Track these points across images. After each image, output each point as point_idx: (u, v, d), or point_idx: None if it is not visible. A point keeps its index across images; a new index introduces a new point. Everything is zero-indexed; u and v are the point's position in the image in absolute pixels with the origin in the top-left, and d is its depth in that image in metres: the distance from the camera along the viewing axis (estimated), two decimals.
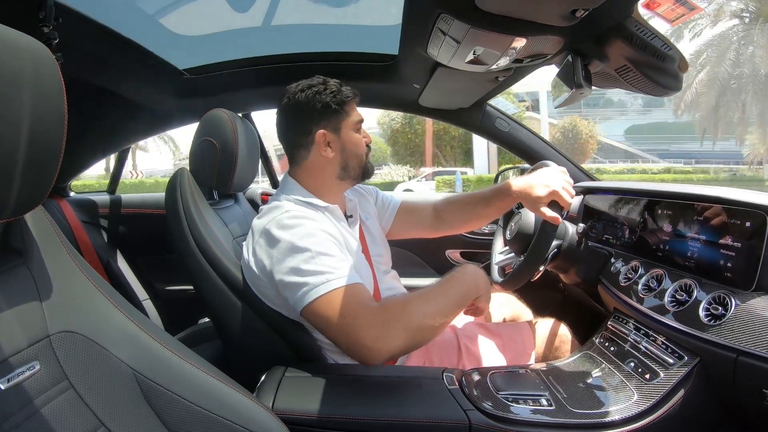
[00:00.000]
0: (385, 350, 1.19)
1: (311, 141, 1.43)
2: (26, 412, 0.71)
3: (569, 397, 1.18)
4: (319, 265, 1.22)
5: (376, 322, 1.18)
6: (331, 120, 1.42)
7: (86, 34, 1.59)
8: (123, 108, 2.33)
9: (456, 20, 1.21)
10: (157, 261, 2.83)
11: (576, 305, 2.17)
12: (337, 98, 1.42)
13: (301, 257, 1.23)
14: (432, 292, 1.29)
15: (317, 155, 1.44)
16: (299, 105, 1.43)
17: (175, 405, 0.87)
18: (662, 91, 1.38)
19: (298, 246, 1.24)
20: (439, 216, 1.80)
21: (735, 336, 1.04)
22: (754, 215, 1.12)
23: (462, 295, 1.32)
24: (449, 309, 1.29)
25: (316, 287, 1.20)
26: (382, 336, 1.18)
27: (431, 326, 1.25)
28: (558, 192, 1.40)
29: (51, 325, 0.79)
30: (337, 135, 1.43)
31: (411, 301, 1.25)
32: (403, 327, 1.19)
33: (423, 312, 1.22)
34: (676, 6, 1.09)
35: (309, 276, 1.21)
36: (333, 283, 1.20)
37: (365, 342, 1.18)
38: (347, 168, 1.46)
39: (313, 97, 1.41)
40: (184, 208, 1.43)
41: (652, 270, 1.40)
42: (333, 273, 1.21)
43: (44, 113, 0.70)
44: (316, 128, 1.42)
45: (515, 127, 2.33)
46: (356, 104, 1.49)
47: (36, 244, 0.85)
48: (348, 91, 1.45)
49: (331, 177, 1.47)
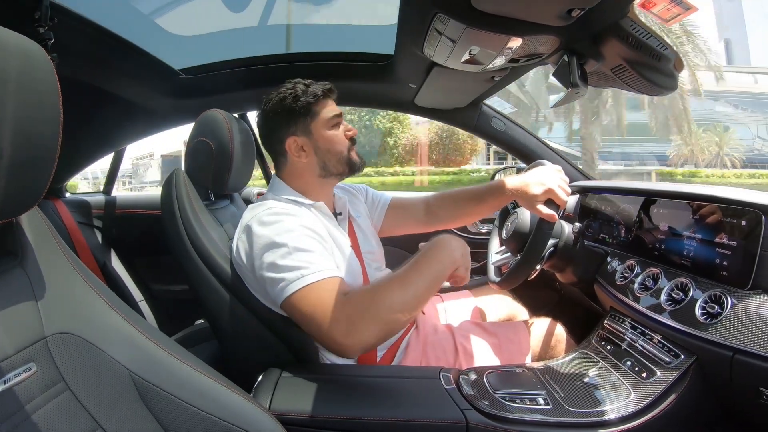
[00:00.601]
0: (357, 344, 1.17)
1: (285, 148, 1.45)
2: (23, 414, 0.71)
3: (566, 396, 1.18)
4: (295, 260, 1.22)
5: (344, 317, 1.16)
6: (299, 124, 1.43)
7: (82, 35, 1.58)
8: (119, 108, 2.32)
9: (452, 20, 1.22)
10: (153, 262, 2.82)
11: (572, 304, 2.17)
12: (302, 101, 1.41)
13: (278, 252, 1.23)
14: (403, 277, 1.23)
15: (293, 160, 1.45)
16: (268, 114, 1.46)
17: (171, 406, 0.87)
18: (658, 90, 1.38)
19: (276, 242, 1.24)
20: (431, 211, 1.80)
21: (731, 334, 1.04)
22: (749, 214, 1.12)
23: (435, 275, 1.26)
24: (422, 292, 1.23)
25: (291, 282, 1.20)
26: (352, 330, 1.16)
27: (403, 313, 1.21)
28: (554, 190, 1.40)
29: (47, 327, 0.79)
30: (309, 138, 1.44)
31: (380, 290, 1.20)
32: (372, 319, 1.16)
33: (393, 300, 1.18)
34: (672, 6, 1.09)
35: (285, 272, 1.21)
36: (307, 278, 1.19)
37: (335, 337, 1.17)
38: (326, 167, 1.47)
39: (279, 104, 1.43)
40: (179, 208, 1.42)
41: (649, 269, 1.40)
42: (308, 268, 1.21)
43: (39, 113, 0.70)
44: (285, 135, 1.43)
45: (511, 126, 2.33)
46: (332, 100, 1.49)
47: (32, 245, 0.84)
48: (317, 89, 1.44)
49: (312, 177, 1.48)
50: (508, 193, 1.52)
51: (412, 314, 1.24)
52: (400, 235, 1.87)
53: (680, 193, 1.38)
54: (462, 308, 1.84)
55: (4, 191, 0.67)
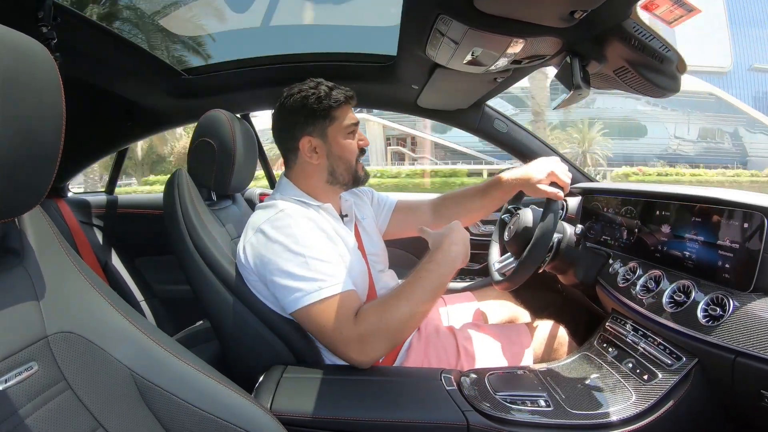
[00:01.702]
0: (370, 360, 1.24)
1: (298, 146, 1.44)
2: (24, 412, 0.71)
3: (567, 398, 1.18)
4: (312, 271, 1.23)
5: (356, 339, 1.21)
6: (316, 126, 1.43)
7: (85, 35, 1.59)
8: (121, 108, 2.33)
9: (455, 21, 1.22)
10: (155, 262, 2.83)
11: (574, 306, 2.17)
12: (324, 104, 1.41)
13: (295, 261, 1.24)
14: (409, 289, 1.27)
15: (304, 160, 1.45)
16: (287, 110, 1.44)
17: (172, 406, 0.87)
18: (660, 92, 1.38)
19: (292, 249, 1.25)
20: (437, 211, 1.82)
21: (733, 337, 1.04)
22: (752, 216, 1.12)
23: (439, 282, 1.29)
24: (428, 302, 1.28)
25: (308, 294, 1.21)
26: (366, 350, 1.21)
27: (411, 326, 1.27)
28: (555, 173, 1.48)
29: (49, 326, 0.79)
30: (324, 141, 1.44)
31: (388, 306, 1.23)
32: (384, 337, 1.22)
33: (402, 316, 1.22)
34: (675, 8, 1.09)
35: (301, 281, 1.22)
36: (324, 292, 1.21)
37: (350, 356, 1.23)
38: (335, 173, 1.47)
39: (300, 102, 1.42)
40: (181, 208, 1.42)
41: (651, 271, 1.40)
42: (326, 281, 1.22)
43: (42, 113, 0.70)
44: (300, 134, 1.43)
45: (513, 128, 2.34)
46: (351, 107, 1.49)
47: (34, 244, 0.84)
48: (339, 94, 1.43)
49: (320, 181, 1.48)
50: (512, 183, 1.59)
51: (419, 323, 1.31)
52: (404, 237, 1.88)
53: (683, 195, 1.38)
54: (464, 311, 1.84)
55: (5, 190, 0.67)
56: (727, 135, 45.89)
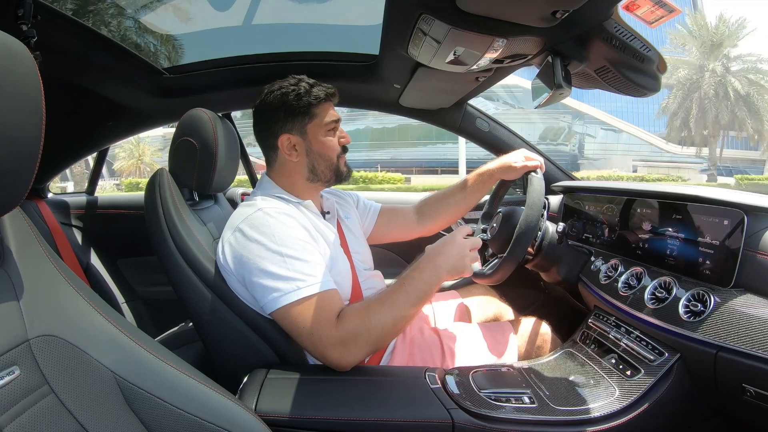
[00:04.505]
0: (350, 364, 1.23)
1: (277, 144, 1.44)
2: (6, 417, 0.69)
3: (551, 394, 1.19)
4: (291, 270, 1.22)
5: (337, 343, 1.20)
6: (295, 123, 1.42)
7: (66, 33, 1.57)
8: (103, 107, 2.30)
9: (437, 20, 1.22)
10: (137, 263, 2.80)
11: (557, 304, 2.18)
12: (303, 101, 1.40)
13: (272, 260, 1.23)
14: (393, 295, 1.26)
15: (284, 158, 1.45)
16: (266, 107, 1.44)
17: (156, 408, 0.86)
18: (641, 91, 1.40)
19: (270, 248, 1.24)
20: (421, 211, 1.85)
21: (714, 332, 1.05)
22: (732, 214, 1.13)
23: (423, 291, 1.27)
24: (412, 306, 1.26)
25: (286, 294, 1.21)
26: (346, 354, 1.21)
27: (393, 333, 1.27)
28: (529, 155, 1.65)
29: (30, 329, 0.78)
30: (303, 138, 1.43)
31: (371, 311, 1.23)
32: (365, 341, 1.21)
33: (384, 324, 1.22)
34: (656, 8, 1.10)
35: (279, 281, 1.22)
36: (303, 291, 1.21)
37: (329, 359, 1.22)
38: (315, 171, 1.47)
39: (280, 99, 1.41)
40: (163, 209, 1.41)
41: (632, 268, 1.42)
42: (304, 280, 1.22)
43: (21, 112, 0.69)
44: (279, 132, 1.43)
45: (495, 127, 2.35)
46: (333, 104, 1.48)
47: (13, 246, 0.83)
48: (320, 91, 1.43)
49: (300, 179, 1.47)
50: (491, 172, 1.71)
51: (402, 329, 1.31)
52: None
53: (663, 193, 1.39)
54: (449, 309, 1.84)
55: None
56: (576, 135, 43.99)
